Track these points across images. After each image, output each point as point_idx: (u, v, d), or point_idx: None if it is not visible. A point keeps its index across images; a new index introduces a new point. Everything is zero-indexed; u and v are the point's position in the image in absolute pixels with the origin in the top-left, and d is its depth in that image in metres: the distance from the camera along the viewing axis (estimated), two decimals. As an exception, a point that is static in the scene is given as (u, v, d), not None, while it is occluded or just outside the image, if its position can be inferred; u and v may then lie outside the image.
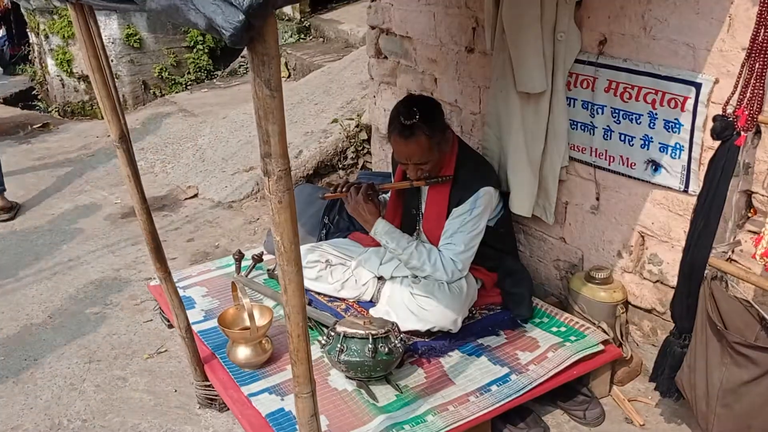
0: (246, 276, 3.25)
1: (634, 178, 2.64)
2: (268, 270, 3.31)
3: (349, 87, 5.94)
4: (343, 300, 3.05)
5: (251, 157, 5.25)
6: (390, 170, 3.19)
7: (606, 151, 2.72)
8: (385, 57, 3.94)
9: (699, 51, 2.27)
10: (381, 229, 2.75)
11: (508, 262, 2.96)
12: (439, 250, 2.73)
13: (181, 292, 2.98)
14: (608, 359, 2.65)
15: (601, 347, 2.63)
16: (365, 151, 5.13)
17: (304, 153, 5.11)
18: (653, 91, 2.47)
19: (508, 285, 2.90)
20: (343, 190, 2.84)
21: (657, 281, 2.69)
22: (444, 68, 3.47)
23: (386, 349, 2.40)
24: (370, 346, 2.38)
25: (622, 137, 2.63)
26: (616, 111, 2.62)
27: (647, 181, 2.60)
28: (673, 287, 2.59)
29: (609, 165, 2.72)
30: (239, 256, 3.25)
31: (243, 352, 2.59)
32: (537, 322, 2.84)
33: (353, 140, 5.12)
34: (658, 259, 2.66)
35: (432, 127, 2.60)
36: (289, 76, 7.41)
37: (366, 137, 5.15)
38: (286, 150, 1.39)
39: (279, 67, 1.31)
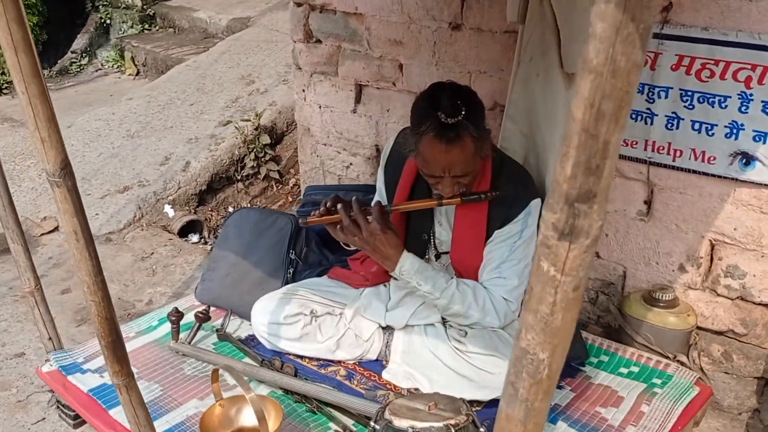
0: (189, 343, 2.33)
1: (711, 175, 2.14)
2: (216, 330, 2.42)
3: (229, 83, 5.01)
4: (339, 363, 2.26)
5: (122, 174, 4.16)
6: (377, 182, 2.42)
7: (669, 144, 2.20)
8: (318, 41, 3.15)
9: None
10: (410, 267, 2.01)
11: (542, 289, 2.34)
12: (485, 288, 2.05)
13: (95, 379, 2.08)
14: (703, 402, 2.13)
15: (697, 389, 2.11)
16: (268, 158, 4.28)
17: (193, 165, 4.14)
18: (748, 67, 1.97)
19: (550, 319, 2.28)
20: (332, 209, 2.04)
21: (738, 297, 2.22)
22: (414, 51, 2.77)
23: (470, 442, 1.68)
24: (454, 443, 1.65)
25: (696, 126, 2.12)
26: (688, 93, 2.10)
27: (732, 178, 2.11)
28: (761, 303, 2.13)
29: (673, 161, 2.20)
30: (177, 317, 2.32)
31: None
32: (596, 363, 2.26)
33: (252, 146, 4.24)
34: (740, 271, 2.19)
35: (479, 127, 1.90)
36: (138, 73, 6.24)
37: (269, 141, 4.30)
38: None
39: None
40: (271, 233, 2.53)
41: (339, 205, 2.01)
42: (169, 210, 3.92)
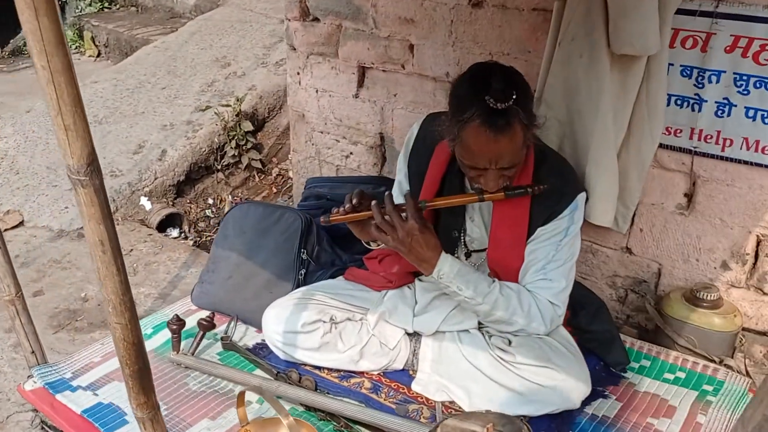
0: (192, 354, 2.09)
1: (765, 166, 1.99)
2: (221, 339, 2.18)
3: (203, 66, 4.70)
4: (362, 374, 2.05)
5: (91, 163, 3.83)
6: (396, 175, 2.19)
7: (719, 132, 2.04)
8: (316, 19, 2.90)
9: None
10: (449, 270, 1.80)
11: (575, 289, 2.16)
12: (529, 291, 1.86)
13: (88, 397, 1.85)
14: (757, 410, 1.99)
15: (750, 396, 1.96)
16: (249, 146, 4.01)
17: (170, 153, 3.84)
18: (814, 49, 1.82)
19: (585, 321, 2.10)
20: (354, 207, 1.81)
21: (787, 297, 2.09)
22: (427, 30, 2.55)
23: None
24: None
25: (751, 113, 1.97)
26: (744, 78, 1.94)
27: (788, 170, 1.96)
28: (812, 303, 1.99)
29: (722, 151, 2.05)
30: (178, 325, 2.06)
31: None
32: (638, 369, 2.10)
33: (233, 133, 3.96)
34: (791, 268, 2.05)
35: (529, 114, 1.70)
36: (99, 55, 5.85)
37: (251, 128, 4.03)
38: None
39: None
40: (278, 231, 2.29)
41: (373, 202, 1.79)
42: (145, 202, 3.63)
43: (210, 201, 3.95)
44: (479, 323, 1.96)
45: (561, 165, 1.93)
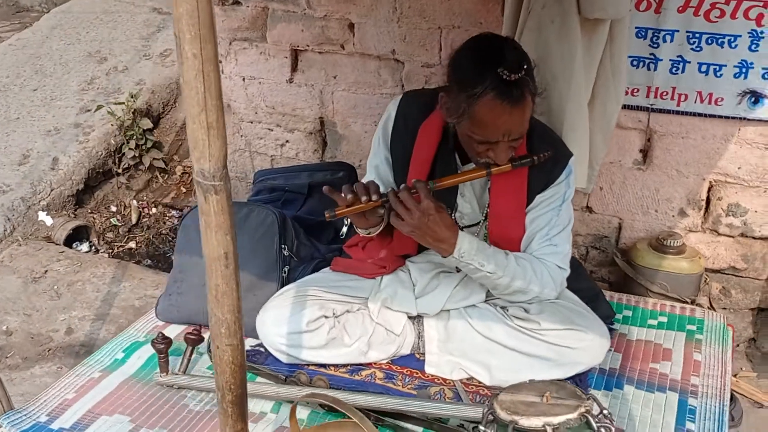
0: (184, 372, 1.91)
1: (717, 117, 2.16)
2: (210, 351, 2.00)
3: (75, 62, 4.28)
4: (370, 365, 1.98)
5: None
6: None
7: (674, 88, 2.17)
8: (237, 2, 2.72)
9: None
10: (469, 246, 1.77)
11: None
12: (537, 258, 1.88)
13: None
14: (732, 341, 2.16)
15: (730, 330, 2.13)
16: (150, 145, 3.71)
17: (62, 161, 3.47)
18: (760, 4, 1.98)
19: (570, 281, 2.16)
20: (370, 197, 1.74)
21: (740, 234, 2.28)
22: (369, 7, 2.48)
23: (603, 427, 1.52)
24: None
25: (704, 68, 2.11)
26: (696, 35, 2.08)
27: (738, 118, 2.13)
28: (762, 237, 2.21)
29: (677, 105, 2.19)
30: (165, 344, 1.87)
31: None
32: (622, 319, 2.20)
33: (130, 132, 3.65)
34: (742, 208, 2.24)
35: (535, 83, 1.71)
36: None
37: (151, 125, 3.74)
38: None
39: None
40: (250, 228, 2.14)
41: (389, 189, 1.73)
42: (45, 217, 3.26)
43: (113, 208, 3.62)
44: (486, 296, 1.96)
45: (548, 132, 1.96)
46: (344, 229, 2.43)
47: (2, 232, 3.10)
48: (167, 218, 3.62)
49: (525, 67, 1.64)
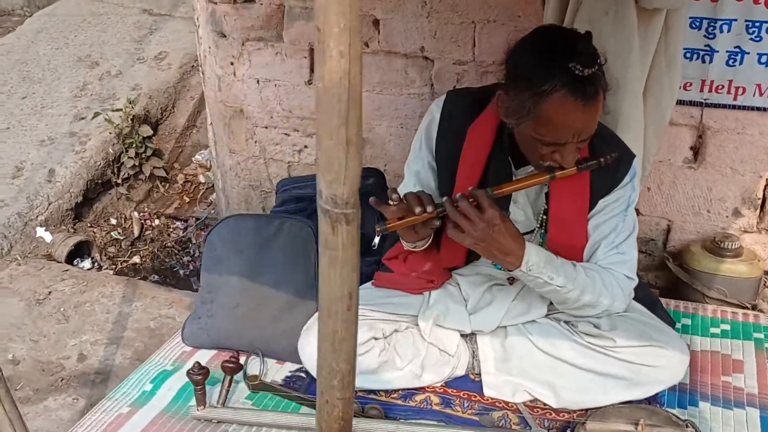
0: (223, 404, 1.73)
1: (778, 111, 2.03)
2: (248, 379, 1.83)
3: (65, 67, 4.08)
4: (423, 390, 1.82)
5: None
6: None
7: (730, 81, 2.05)
8: (250, 0, 2.56)
9: None
10: (537, 258, 1.62)
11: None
12: (605, 268, 1.74)
13: None
14: (800, 348, 2.04)
15: (799, 336, 2.01)
16: (150, 153, 3.53)
17: (59, 172, 3.28)
18: (827, -10, 1.86)
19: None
20: (425, 209, 1.58)
21: (799, 234, 2.17)
22: (395, 2, 2.33)
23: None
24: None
25: (764, 59, 1.99)
26: (756, 25, 1.96)
27: (801, 111, 2.01)
28: (823, 237, 2.09)
29: (734, 99, 2.06)
30: (202, 375, 1.70)
31: None
32: (681, 328, 2.07)
33: (129, 140, 3.46)
34: (802, 206, 2.13)
35: (606, 79, 1.56)
36: None
37: (151, 133, 3.55)
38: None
39: None
40: (283, 242, 1.98)
41: (445, 198, 1.58)
42: (43, 233, 3.06)
43: (113, 221, 3.43)
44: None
45: (608, 131, 1.81)
46: (376, 239, 2.27)
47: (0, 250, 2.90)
48: (171, 230, 3.44)
49: (599, 61, 1.50)
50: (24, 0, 4.99)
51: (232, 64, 2.67)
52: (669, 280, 2.31)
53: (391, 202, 1.59)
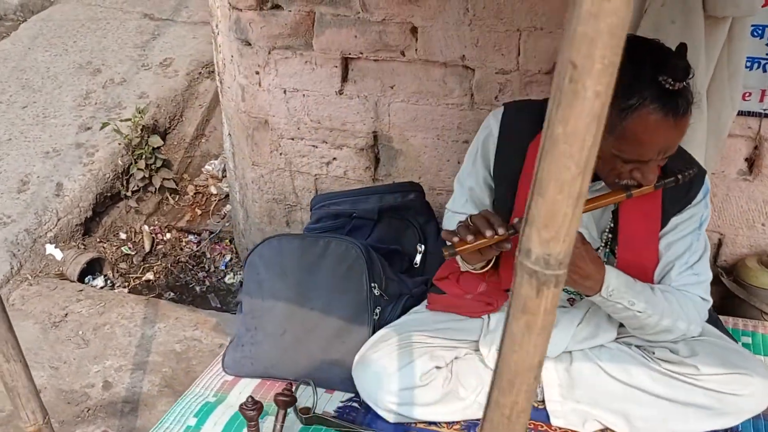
0: (277, 442, 1.62)
1: (841, 122, 1.96)
2: (299, 412, 1.72)
3: (66, 75, 3.92)
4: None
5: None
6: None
7: (792, 91, 1.97)
8: (277, 6, 2.43)
9: None
10: (617, 282, 1.53)
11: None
12: (680, 290, 1.65)
13: None
14: None
15: None
16: (160, 164, 3.39)
17: (67, 186, 3.13)
18: None
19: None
20: (496, 231, 1.48)
21: None
22: (436, 9, 2.23)
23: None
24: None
25: (828, 68, 1.91)
26: (820, 33, 1.88)
27: None
28: None
29: (795, 110, 1.98)
30: (257, 410, 1.58)
31: None
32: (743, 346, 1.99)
33: (139, 151, 3.32)
34: None
35: (692, 91, 1.47)
36: None
37: (161, 143, 3.41)
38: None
39: None
40: (331, 263, 1.86)
41: (516, 220, 1.49)
42: (53, 251, 2.92)
43: (123, 235, 3.29)
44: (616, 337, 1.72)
45: (680, 146, 1.73)
46: (418, 257, 2.18)
47: (9, 271, 2.75)
48: (184, 244, 3.30)
49: (691, 74, 1.41)
50: (17, 4, 4.80)
51: (257, 73, 2.55)
52: (719, 296, 2.23)
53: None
